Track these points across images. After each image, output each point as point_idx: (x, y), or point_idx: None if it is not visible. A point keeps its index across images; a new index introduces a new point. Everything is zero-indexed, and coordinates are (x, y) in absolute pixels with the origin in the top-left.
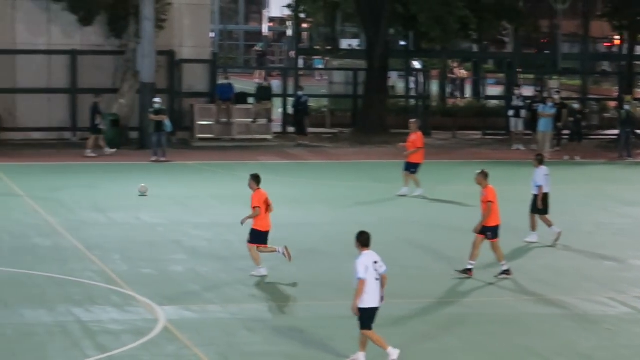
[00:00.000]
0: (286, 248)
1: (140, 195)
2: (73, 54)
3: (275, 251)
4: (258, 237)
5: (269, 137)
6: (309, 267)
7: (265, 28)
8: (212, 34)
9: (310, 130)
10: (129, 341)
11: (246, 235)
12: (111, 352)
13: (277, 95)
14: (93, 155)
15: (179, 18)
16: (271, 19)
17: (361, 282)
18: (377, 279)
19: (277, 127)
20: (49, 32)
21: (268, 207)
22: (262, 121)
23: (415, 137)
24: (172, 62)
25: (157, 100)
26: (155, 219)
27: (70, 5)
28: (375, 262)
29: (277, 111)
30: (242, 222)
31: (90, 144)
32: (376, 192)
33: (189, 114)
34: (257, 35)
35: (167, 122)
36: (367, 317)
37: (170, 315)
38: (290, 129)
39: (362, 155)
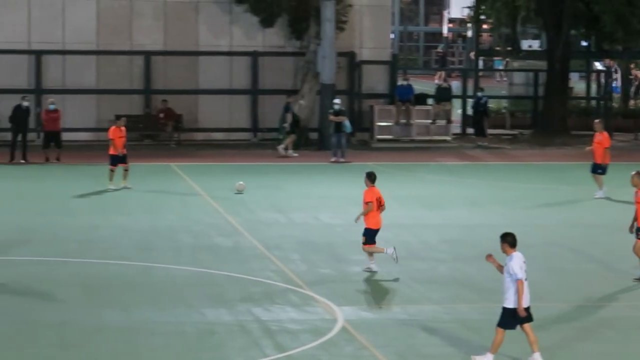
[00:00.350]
0: (395, 249)
1: (236, 193)
2: (254, 56)
3: (383, 252)
4: (370, 236)
5: (448, 138)
6: (486, 269)
7: (445, 29)
8: (391, 35)
9: (490, 131)
10: (308, 341)
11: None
12: (290, 352)
13: (457, 97)
14: (295, 155)
15: (359, 19)
16: (451, 20)
17: (521, 282)
18: (526, 279)
19: (456, 128)
20: (230, 34)
21: (380, 205)
22: (441, 122)
23: (602, 138)
24: (352, 64)
25: (337, 101)
26: (334, 220)
27: (252, 7)
28: (524, 262)
29: (457, 112)
30: (356, 220)
31: (288, 143)
32: (557, 195)
33: (368, 115)
34: (437, 36)
35: (347, 123)
36: (510, 317)
37: (348, 316)
38: (470, 131)
39: (542, 157)
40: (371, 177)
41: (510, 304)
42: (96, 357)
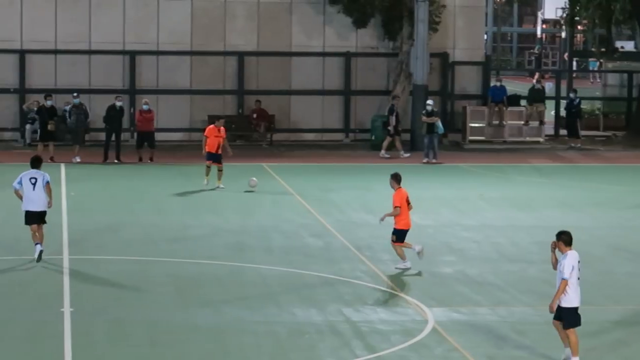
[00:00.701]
0: (422, 248)
1: (249, 191)
2: (347, 56)
3: (410, 247)
4: (401, 236)
5: (540, 139)
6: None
7: (538, 30)
8: (485, 36)
9: (583, 133)
10: (398, 342)
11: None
12: (380, 353)
13: (550, 98)
14: (387, 156)
15: (452, 20)
16: (545, 21)
17: (564, 282)
18: (578, 279)
19: (549, 129)
20: (323, 34)
21: (408, 205)
22: (534, 124)
23: None
24: (445, 64)
25: (429, 102)
26: (426, 221)
27: (346, 8)
28: (579, 262)
29: (550, 114)
30: (382, 220)
31: (385, 145)
32: None
33: (460, 116)
34: (530, 37)
35: (439, 124)
36: (574, 315)
37: (438, 317)
38: (563, 132)
39: (636, 159)
40: (397, 179)
41: (568, 303)
42: (187, 356)
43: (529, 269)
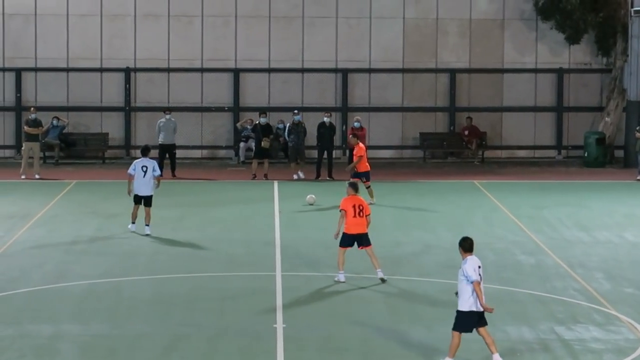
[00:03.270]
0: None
1: (309, 205)
2: (559, 72)
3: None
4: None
5: None
6: None
7: None
8: None
9: None
10: None
11: None
12: None
13: None
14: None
15: None
16: None
17: (477, 283)
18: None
19: None
20: (536, 51)
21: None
22: None
23: None
24: None
25: None
26: (639, 238)
27: (558, 24)
28: (479, 267)
29: None
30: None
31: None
32: None
33: None
34: None
35: None
36: (465, 320)
37: None
38: None
39: None
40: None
41: (464, 307)
42: None
43: None
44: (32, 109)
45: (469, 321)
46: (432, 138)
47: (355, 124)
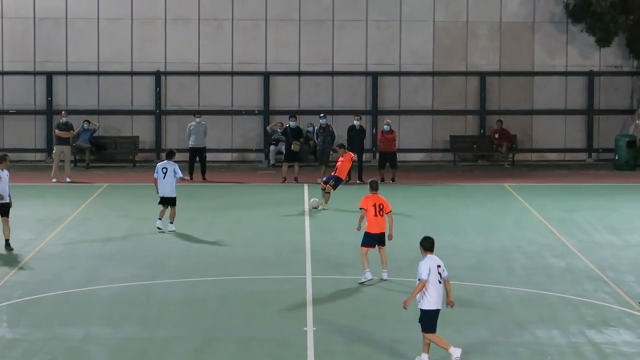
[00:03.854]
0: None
1: (313, 208)
2: (590, 75)
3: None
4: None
5: None
6: None
7: None
8: None
9: None
10: None
11: None
12: None
13: None
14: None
15: None
16: None
17: (421, 283)
18: (440, 282)
19: None
20: (566, 54)
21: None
22: None
23: None
24: None
25: None
26: None
27: (589, 27)
28: (439, 266)
29: None
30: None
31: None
32: None
33: None
34: None
35: None
36: (430, 319)
37: None
38: None
39: None
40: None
41: (425, 305)
42: None
43: None
44: (63, 112)
45: (434, 319)
46: (462, 141)
47: (386, 127)
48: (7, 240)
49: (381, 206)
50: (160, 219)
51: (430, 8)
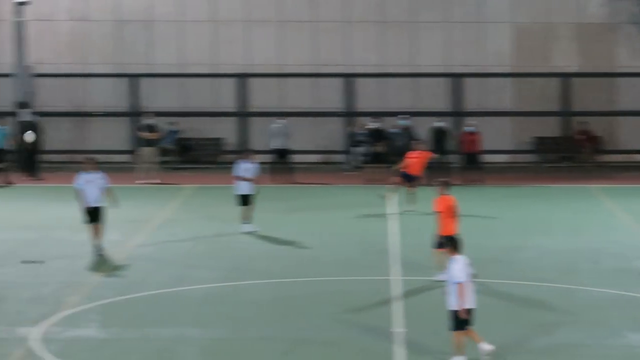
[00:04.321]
0: None
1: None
2: None
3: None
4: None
5: None
6: None
7: None
8: None
9: None
10: None
11: None
12: None
13: None
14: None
15: None
16: None
17: (461, 285)
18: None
19: None
20: None
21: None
22: None
23: None
24: None
25: None
26: None
27: None
28: (468, 265)
29: None
30: None
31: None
32: None
33: None
34: None
35: None
36: (456, 318)
37: None
38: None
39: None
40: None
41: (453, 306)
42: None
43: None
44: (148, 114)
45: (460, 320)
46: (546, 142)
47: (469, 128)
48: (98, 246)
49: (453, 207)
50: (246, 222)
51: (512, 10)
